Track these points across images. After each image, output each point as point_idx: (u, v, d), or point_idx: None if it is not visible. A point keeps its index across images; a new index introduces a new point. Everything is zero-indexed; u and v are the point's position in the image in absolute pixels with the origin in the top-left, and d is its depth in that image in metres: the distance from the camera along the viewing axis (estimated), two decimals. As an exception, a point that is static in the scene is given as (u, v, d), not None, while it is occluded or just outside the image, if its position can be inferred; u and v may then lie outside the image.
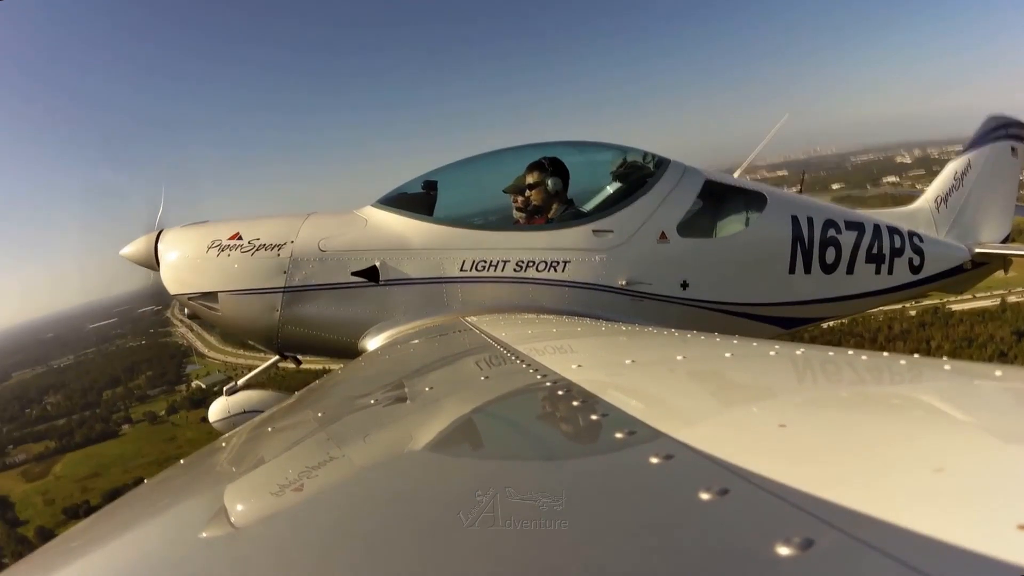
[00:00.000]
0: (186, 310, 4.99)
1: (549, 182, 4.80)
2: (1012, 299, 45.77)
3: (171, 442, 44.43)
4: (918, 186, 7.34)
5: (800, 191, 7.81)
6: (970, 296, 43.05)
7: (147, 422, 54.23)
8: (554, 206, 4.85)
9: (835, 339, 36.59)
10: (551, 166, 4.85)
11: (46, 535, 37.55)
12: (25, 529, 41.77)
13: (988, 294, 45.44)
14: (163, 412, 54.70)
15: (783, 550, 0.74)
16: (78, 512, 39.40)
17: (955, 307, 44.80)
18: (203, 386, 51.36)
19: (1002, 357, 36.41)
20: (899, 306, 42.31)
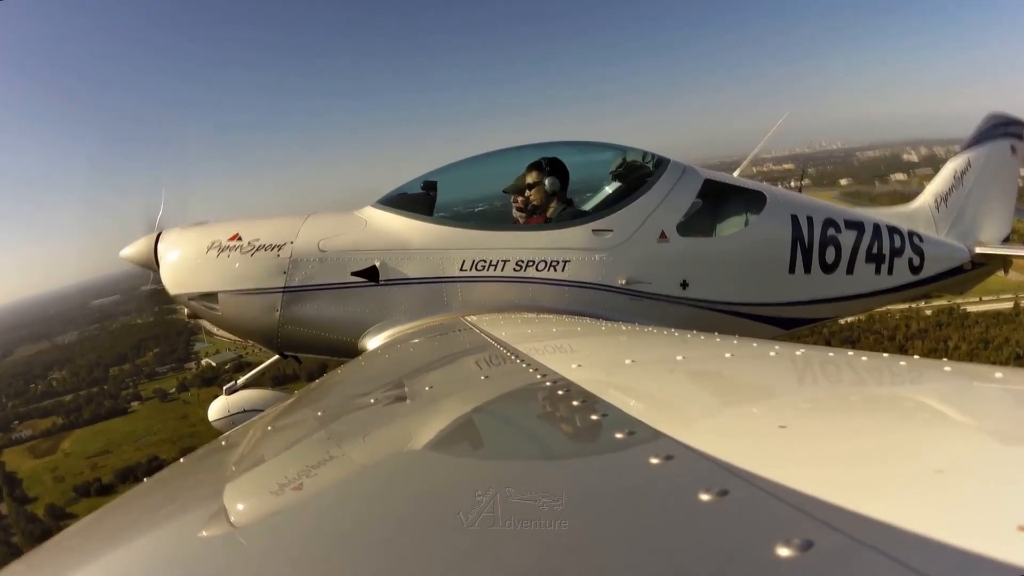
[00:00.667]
0: (187, 310, 5.00)
1: (548, 182, 4.80)
2: (1025, 303, 46.13)
3: (184, 420, 43.10)
4: (927, 184, 7.36)
5: (800, 189, 7.80)
6: (976, 298, 43.37)
7: (157, 399, 53.24)
8: (553, 206, 4.85)
9: (855, 335, 37.04)
10: (550, 166, 4.85)
11: (56, 513, 36.91)
12: (35, 507, 40.98)
13: (995, 298, 45.91)
14: (173, 389, 53.75)
15: (783, 551, 0.74)
16: (89, 490, 38.93)
17: (970, 308, 45.22)
18: (213, 364, 50.66)
19: (1019, 360, 36.71)
20: (913, 305, 42.73)
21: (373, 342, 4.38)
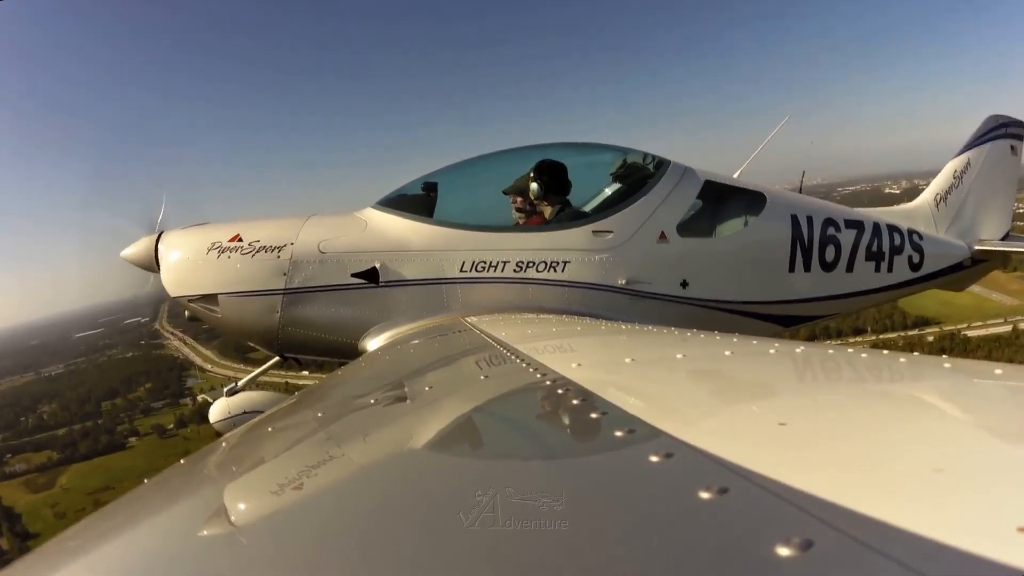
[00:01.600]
0: (187, 312, 4.99)
1: (547, 184, 4.80)
2: (1023, 326, 48.42)
3: (186, 456, 43.54)
4: None
5: (800, 191, 7.80)
6: (965, 324, 47.23)
7: (155, 435, 53.10)
8: (553, 207, 4.85)
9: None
10: (551, 167, 4.85)
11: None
12: (38, 543, 40.46)
13: (983, 324, 49.38)
14: (171, 425, 53.66)
15: (783, 550, 0.74)
16: (98, 528, 38.86)
17: (971, 333, 48.18)
18: (210, 400, 50.69)
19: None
20: (915, 332, 46.73)
21: (373, 343, 4.38)
